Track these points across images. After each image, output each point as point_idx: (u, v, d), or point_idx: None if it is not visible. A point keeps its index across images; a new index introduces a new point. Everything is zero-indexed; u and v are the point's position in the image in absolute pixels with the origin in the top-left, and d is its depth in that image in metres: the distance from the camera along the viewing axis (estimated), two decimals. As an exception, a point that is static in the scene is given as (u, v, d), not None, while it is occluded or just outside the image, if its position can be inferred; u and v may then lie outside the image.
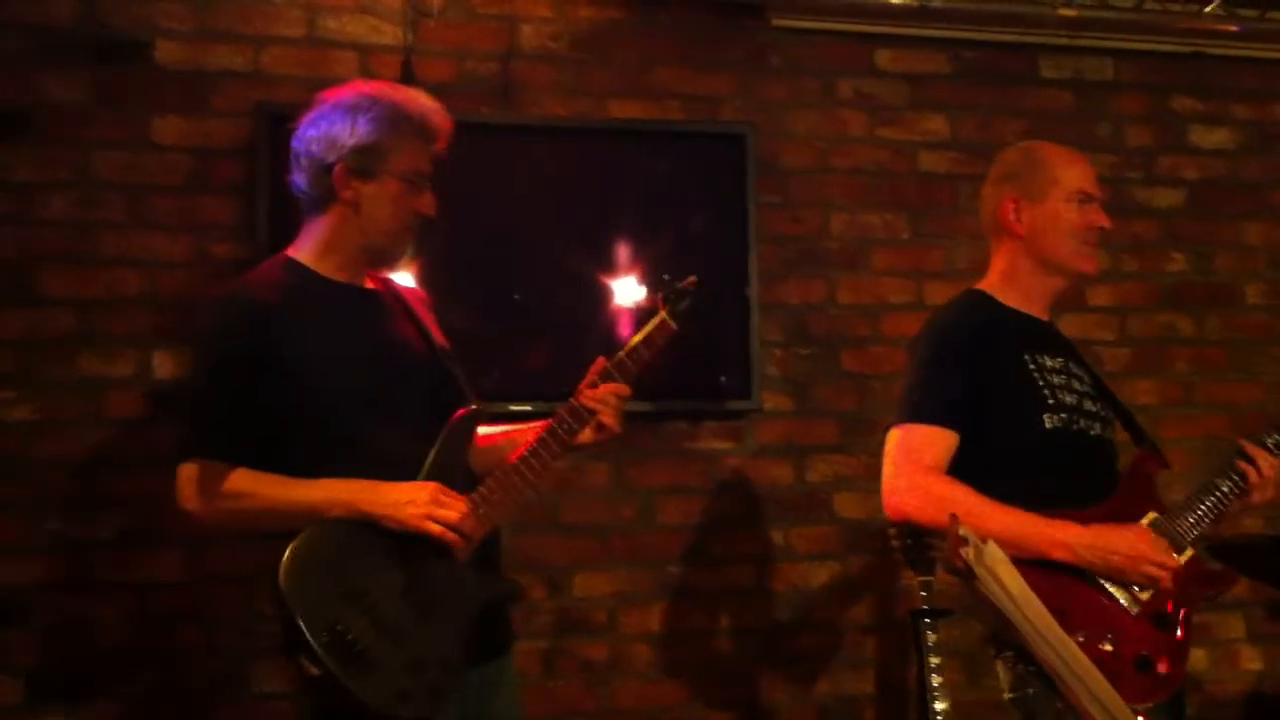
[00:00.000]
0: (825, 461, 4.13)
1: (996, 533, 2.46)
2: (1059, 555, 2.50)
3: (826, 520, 4.12)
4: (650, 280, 3.82)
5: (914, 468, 2.59)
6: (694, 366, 3.88)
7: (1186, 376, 4.49)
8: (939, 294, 4.13)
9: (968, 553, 2.07)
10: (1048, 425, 2.66)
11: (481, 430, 2.55)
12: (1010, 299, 2.82)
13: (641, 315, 2.69)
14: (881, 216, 4.27)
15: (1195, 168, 4.57)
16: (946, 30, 4.29)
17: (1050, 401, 2.68)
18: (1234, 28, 4.43)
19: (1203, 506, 2.70)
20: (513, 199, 3.88)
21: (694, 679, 3.99)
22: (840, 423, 4.17)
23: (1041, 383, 2.70)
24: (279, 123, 3.46)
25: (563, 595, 3.92)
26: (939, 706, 3.60)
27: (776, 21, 4.15)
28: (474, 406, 2.49)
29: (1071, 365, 2.81)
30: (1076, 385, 2.77)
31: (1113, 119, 4.52)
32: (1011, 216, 2.81)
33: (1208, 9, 4.35)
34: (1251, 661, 4.44)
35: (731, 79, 4.16)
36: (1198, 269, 4.53)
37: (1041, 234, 2.79)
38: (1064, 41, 4.40)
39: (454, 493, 2.38)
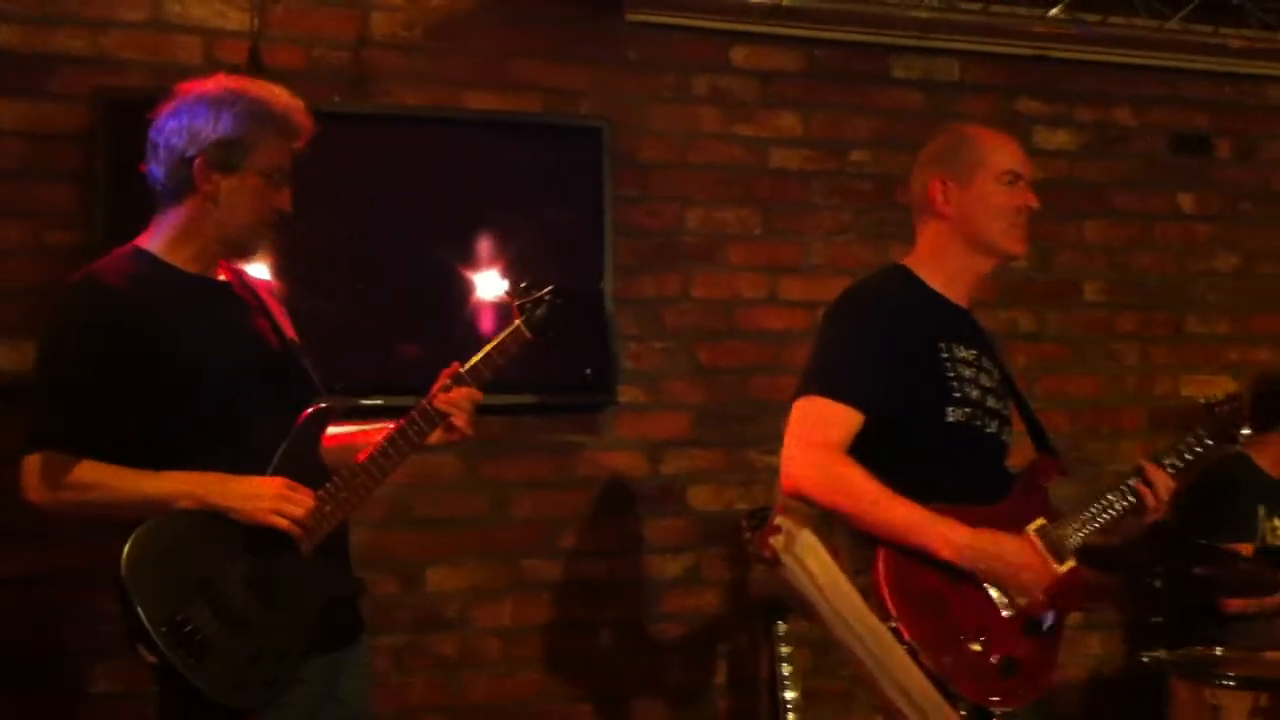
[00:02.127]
0: (679, 455, 4.16)
1: (891, 522, 2.48)
2: (945, 554, 2.50)
3: (680, 513, 4.15)
4: (507, 276, 3.79)
5: (815, 444, 2.55)
6: (549, 360, 3.86)
7: (1027, 371, 4.58)
8: (793, 289, 4.19)
9: (777, 541, 2.06)
10: (950, 418, 2.65)
11: (333, 429, 2.54)
12: (934, 280, 2.78)
13: (499, 316, 2.69)
14: (736, 212, 4.31)
15: (1038, 168, 4.66)
16: (800, 29, 4.34)
17: (956, 395, 2.66)
18: (1077, 31, 4.56)
19: (1091, 519, 2.71)
20: (365, 190, 3.82)
21: (547, 672, 3.99)
22: (694, 416, 4.20)
23: (951, 374, 2.67)
24: (119, 108, 3.37)
25: (415, 590, 3.89)
26: (789, 695, 3.67)
27: (632, 16, 4.15)
28: (324, 404, 2.48)
29: (984, 359, 2.78)
30: (984, 380, 2.74)
31: (960, 119, 4.59)
32: (939, 197, 2.78)
33: (1052, 12, 4.46)
34: (1089, 648, 4.59)
35: (589, 73, 4.15)
36: (1039, 267, 4.65)
37: (970, 215, 2.76)
38: (914, 42, 4.48)
39: (301, 487, 2.38)
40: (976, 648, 2.48)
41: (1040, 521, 2.66)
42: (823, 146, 4.38)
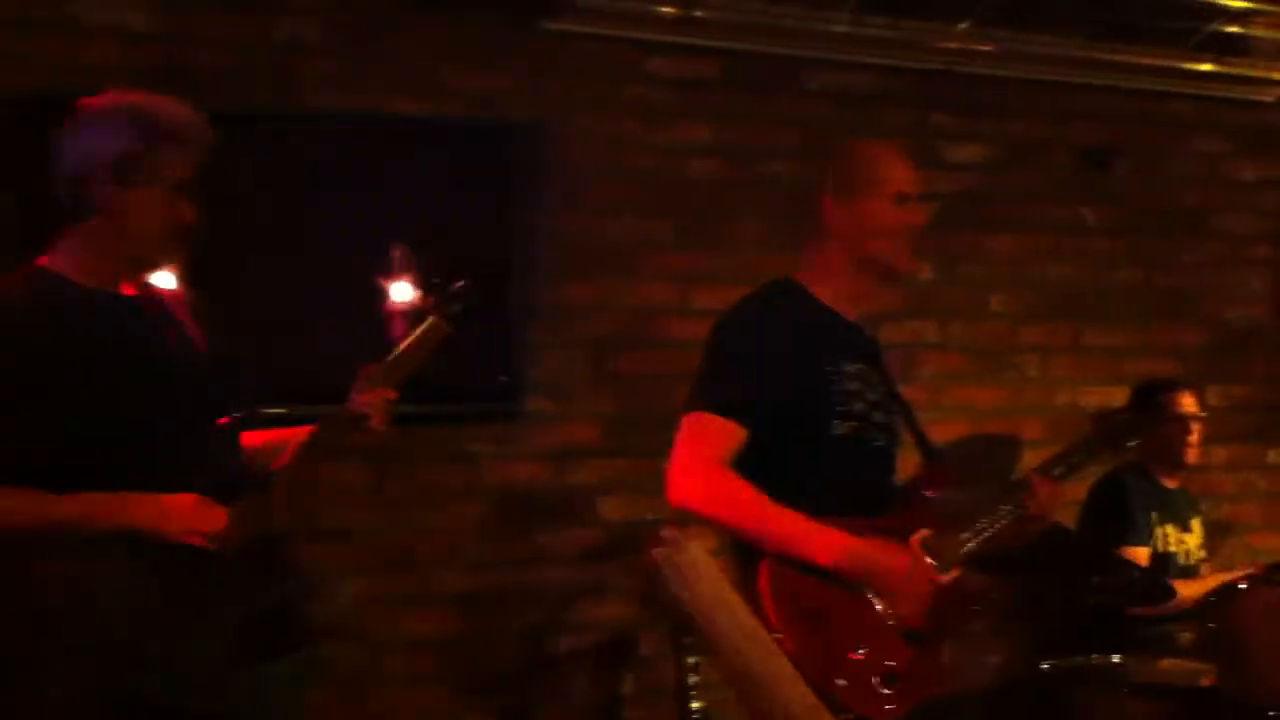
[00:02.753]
0: (589, 465, 4.14)
1: (772, 533, 2.49)
2: (827, 561, 2.50)
3: (589, 523, 4.14)
4: (425, 281, 3.74)
5: (699, 459, 2.55)
6: (460, 368, 3.82)
7: (933, 381, 4.67)
8: (706, 299, 4.18)
9: (660, 552, 2.03)
10: (837, 432, 2.65)
11: (252, 434, 2.53)
12: (824, 294, 2.79)
13: (414, 317, 2.66)
14: (652, 221, 4.30)
15: (949, 181, 4.75)
16: (716, 40, 4.35)
17: (842, 408, 2.67)
18: (986, 47, 4.64)
19: (977, 530, 2.72)
20: (283, 195, 3.73)
21: (451, 685, 3.96)
22: (605, 426, 4.19)
23: (837, 388, 2.68)
24: (26, 108, 3.28)
25: (316, 602, 3.82)
26: (696, 705, 3.67)
27: (554, 25, 4.12)
28: (239, 413, 2.47)
29: (871, 372, 2.79)
30: (871, 394, 2.75)
31: (874, 132, 4.63)
32: (831, 213, 2.78)
33: (961, 28, 4.52)
34: (992, 655, 4.64)
35: (511, 79, 4.12)
36: (946, 278, 4.71)
37: (859, 231, 2.76)
38: (827, 56, 4.51)
39: (213, 502, 2.35)
40: (858, 657, 2.48)
41: (925, 532, 2.65)
42: (738, 157, 4.39)
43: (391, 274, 3.79)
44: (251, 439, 2.55)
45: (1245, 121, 5.19)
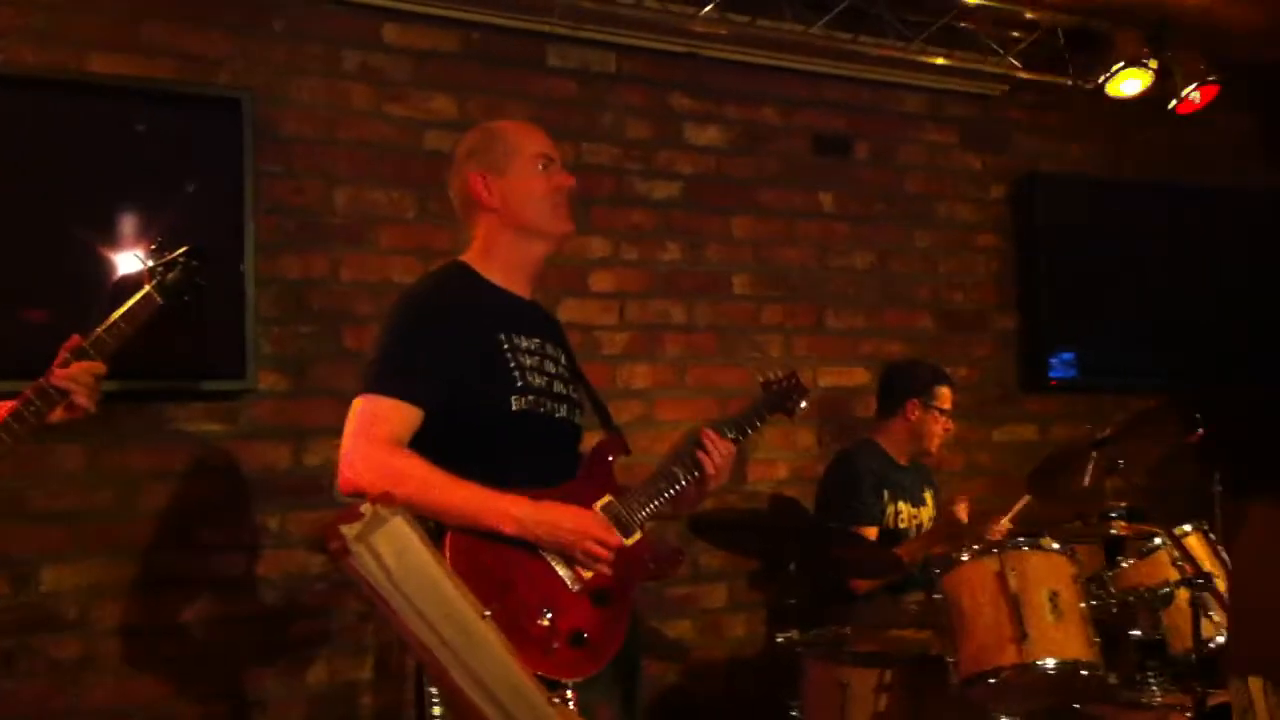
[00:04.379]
0: (325, 443, 4.00)
1: (452, 505, 2.51)
2: (510, 529, 2.53)
3: (326, 504, 3.99)
4: (139, 251, 3.55)
5: (371, 441, 2.55)
6: (181, 342, 3.64)
7: (679, 360, 4.71)
8: (445, 274, 4.10)
9: (350, 529, 1.95)
10: (515, 407, 2.69)
11: None
12: (492, 273, 2.83)
13: (127, 287, 2.57)
14: (388, 193, 4.20)
15: (689, 163, 4.79)
16: (455, 10, 4.27)
17: (519, 384, 2.71)
18: (726, 31, 4.69)
19: (657, 492, 2.80)
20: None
21: (176, 674, 3.77)
22: (341, 403, 4.01)
23: (513, 364, 2.72)
24: None
25: (28, 590, 3.60)
26: (434, 688, 3.58)
27: (281, -13, 3.98)
28: None
29: (547, 346, 2.85)
30: (549, 367, 2.81)
31: (615, 111, 4.65)
32: (482, 191, 2.82)
33: (703, 11, 4.56)
34: (732, 629, 4.73)
35: (230, 40, 3.96)
36: (690, 260, 4.76)
37: (514, 203, 2.82)
38: (569, 32, 4.48)
39: None
40: (544, 622, 2.52)
41: (607, 498, 2.74)
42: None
43: (111, 244, 3.61)
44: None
45: (972, 114, 5.41)
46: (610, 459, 2.85)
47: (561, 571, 2.61)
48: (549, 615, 2.54)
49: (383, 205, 4.18)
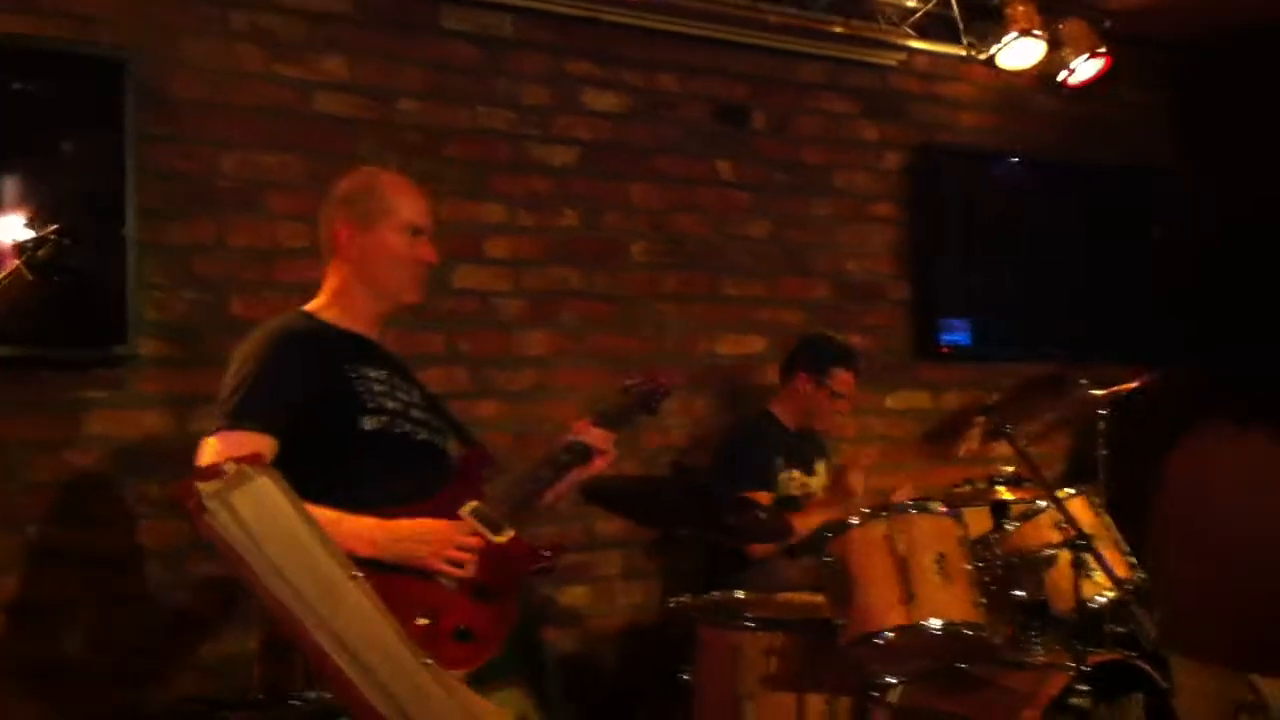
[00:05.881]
0: (211, 412, 3.92)
1: None
2: (365, 551, 2.54)
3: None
4: (28, 220, 3.48)
5: None
6: (61, 309, 3.55)
7: (576, 328, 4.69)
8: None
9: (208, 486, 1.91)
10: (367, 427, 2.74)
11: None
12: (338, 317, 2.88)
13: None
14: (278, 157, 4.12)
15: (588, 129, 4.76)
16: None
17: (369, 405, 2.77)
18: (626, -4, 4.67)
19: (524, 489, 2.88)
20: None
21: (58, 649, 3.69)
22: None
23: (361, 389, 2.78)
24: None
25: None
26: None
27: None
28: None
29: (396, 379, 2.91)
30: (401, 395, 2.88)
31: (512, 76, 4.60)
32: (344, 240, 2.87)
33: (604, -24, 4.53)
34: (627, 596, 4.74)
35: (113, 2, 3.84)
36: (588, 225, 4.73)
37: (371, 261, 2.87)
38: (467, -6, 4.43)
39: None
40: (423, 623, 2.56)
41: (473, 504, 2.79)
42: (371, 94, 4.26)
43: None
44: None
45: (869, 84, 5.44)
46: (473, 468, 2.92)
47: (436, 575, 2.66)
48: (428, 616, 2.58)
49: (272, 169, 4.10)
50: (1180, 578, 2.38)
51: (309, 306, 2.91)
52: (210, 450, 2.62)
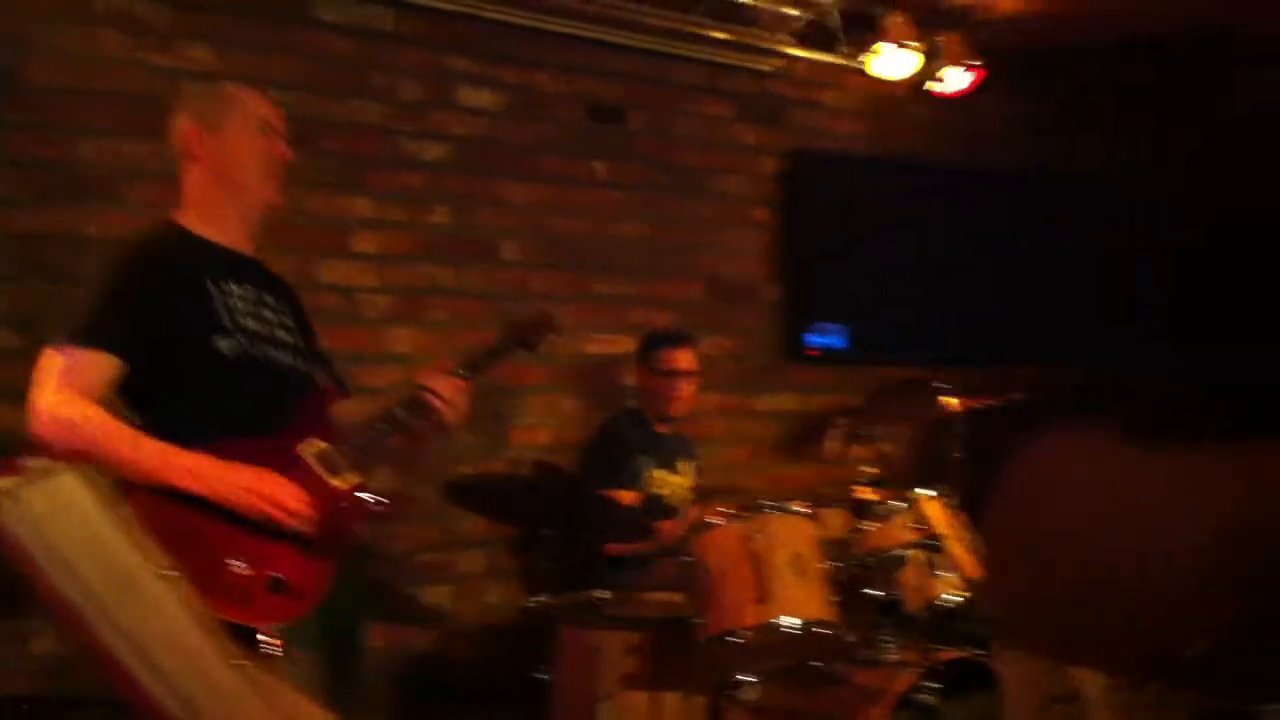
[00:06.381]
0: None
1: (135, 461, 2.48)
2: (194, 487, 2.51)
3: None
4: None
5: (57, 392, 2.51)
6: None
7: (445, 326, 4.66)
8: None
9: (3, 483, 1.88)
10: (221, 348, 2.66)
11: None
12: (203, 229, 2.80)
13: None
14: (142, 146, 4.03)
15: (462, 125, 4.74)
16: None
17: (225, 324, 2.69)
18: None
19: (372, 435, 2.80)
20: None
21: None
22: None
23: (218, 306, 2.69)
24: None
25: None
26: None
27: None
28: None
29: (266, 297, 2.84)
30: (268, 315, 2.80)
31: (388, 71, 4.57)
32: (195, 141, 2.80)
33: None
34: (490, 595, 4.72)
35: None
36: (460, 224, 4.71)
37: (224, 160, 2.80)
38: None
39: None
40: (239, 570, 2.50)
41: (318, 444, 2.73)
42: (240, 84, 4.18)
43: None
44: None
45: (747, 89, 5.49)
46: (324, 406, 2.85)
47: (260, 519, 2.58)
48: (244, 562, 2.51)
49: (136, 158, 4.02)
50: (1012, 572, 2.45)
51: (175, 214, 2.82)
52: (46, 364, 2.55)
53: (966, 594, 3.78)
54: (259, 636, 2.45)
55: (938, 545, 3.63)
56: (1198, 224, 5.22)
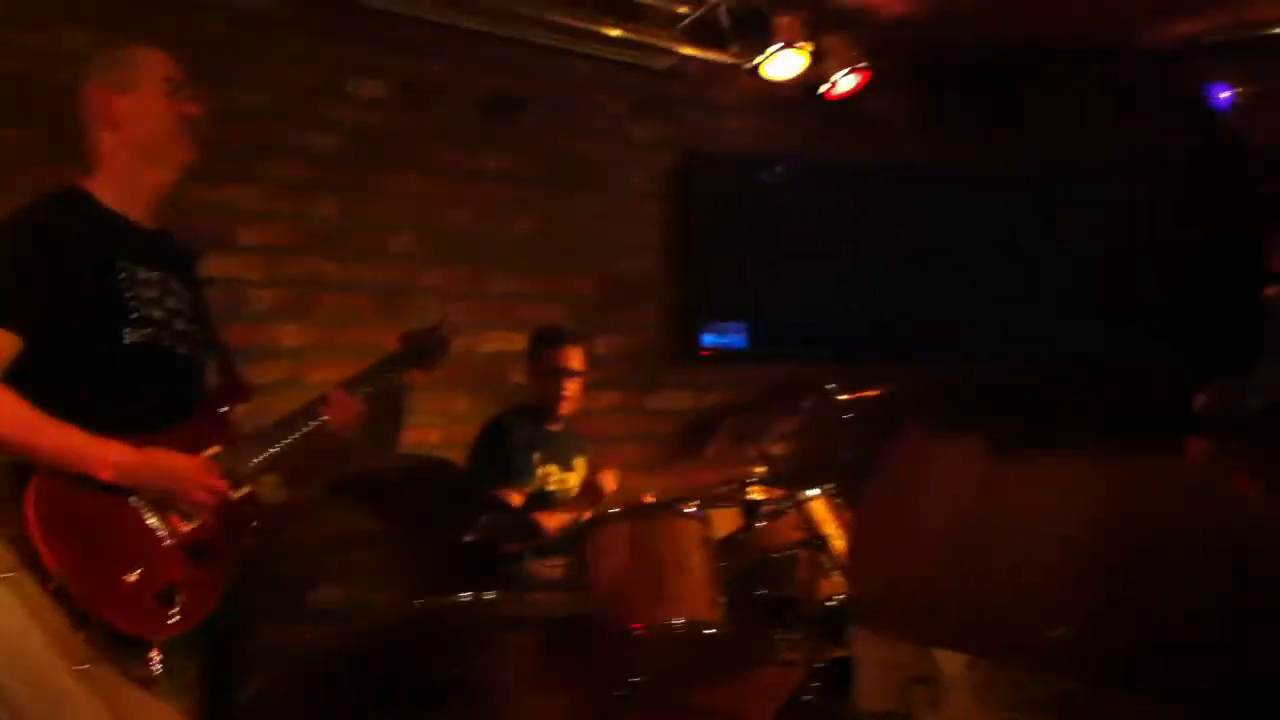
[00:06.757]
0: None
1: (44, 446, 2.40)
2: (107, 475, 2.44)
3: None
4: None
5: None
6: None
7: (332, 320, 4.57)
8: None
9: None
10: (128, 340, 2.58)
11: None
12: (112, 198, 2.70)
13: None
14: (15, 131, 3.91)
15: (351, 116, 4.65)
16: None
17: (134, 315, 2.60)
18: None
19: (269, 445, 2.74)
20: None
21: None
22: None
23: (129, 294, 2.61)
24: None
25: None
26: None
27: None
28: None
29: (172, 280, 2.74)
30: (171, 302, 2.71)
31: (272, 59, 4.46)
32: (104, 104, 2.72)
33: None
34: (381, 594, 4.64)
35: None
36: (348, 215, 4.62)
37: (134, 122, 2.72)
38: (223, -31, 4.28)
39: None
40: (132, 577, 2.43)
41: (216, 448, 2.67)
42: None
43: None
44: None
45: (640, 85, 5.48)
46: (226, 408, 2.77)
47: (154, 524, 2.52)
48: (139, 569, 2.44)
49: (9, 143, 3.88)
50: (877, 558, 2.49)
51: (82, 180, 2.72)
52: None
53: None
54: (150, 654, 2.38)
55: (822, 545, 3.66)
56: (1101, 221, 5.32)
